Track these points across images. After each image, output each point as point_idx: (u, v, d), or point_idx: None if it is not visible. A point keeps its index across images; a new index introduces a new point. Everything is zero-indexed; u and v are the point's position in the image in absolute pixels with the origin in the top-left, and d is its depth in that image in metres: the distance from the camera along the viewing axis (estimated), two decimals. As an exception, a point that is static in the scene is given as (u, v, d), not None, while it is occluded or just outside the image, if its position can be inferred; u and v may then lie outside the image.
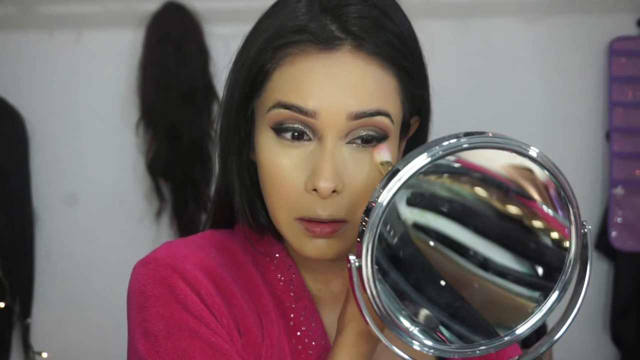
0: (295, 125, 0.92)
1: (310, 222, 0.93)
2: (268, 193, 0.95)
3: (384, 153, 0.92)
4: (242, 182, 1.00)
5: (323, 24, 0.92)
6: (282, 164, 0.93)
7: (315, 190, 0.91)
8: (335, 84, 0.91)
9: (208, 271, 0.96)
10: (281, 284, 1.00)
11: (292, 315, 0.98)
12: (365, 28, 0.92)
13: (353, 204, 0.92)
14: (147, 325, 0.93)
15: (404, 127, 0.99)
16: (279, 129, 0.93)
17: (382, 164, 0.91)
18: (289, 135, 0.92)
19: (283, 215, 0.94)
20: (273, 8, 0.98)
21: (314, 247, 0.94)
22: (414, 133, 1.03)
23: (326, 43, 0.91)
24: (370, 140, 0.93)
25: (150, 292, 0.94)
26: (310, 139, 0.92)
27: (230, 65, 1.01)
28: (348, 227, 0.93)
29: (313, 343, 0.97)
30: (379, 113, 0.92)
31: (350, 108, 0.91)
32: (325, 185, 0.90)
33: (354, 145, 0.93)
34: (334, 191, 0.91)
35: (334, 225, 0.93)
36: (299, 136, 0.92)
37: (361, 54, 0.92)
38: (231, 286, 0.96)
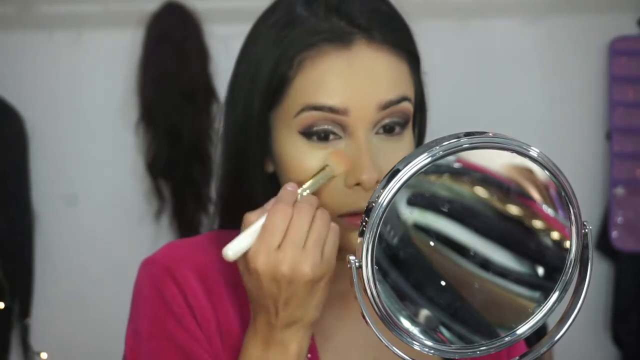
0: (325, 127, 0.92)
1: (353, 216, 0.92)
2: None
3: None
4: (267, 196, 0.99)
5: (332, 22, 0.93)
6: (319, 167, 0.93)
7: (357, 184, 0.91)
8: (360, 78, 0.92)
9: (202, 273, 0.98)
10: None
11: None
12: (372, 19, 0.93)
13: None
14: (136, 324, 0.98)
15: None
16: (308, 133, 0.92)
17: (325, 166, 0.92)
18: (315, 137, 0.92)
19: None
20: (270, 16, 0.98)
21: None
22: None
23: (341, 40, 0.92)
24: (393, 128, 0.93)
25: (144, 292, 0.98)
26: (340, 137, 0.92)
27: (230, 79, 1.01)
28: None
29: None
30: (403, 99, 0.93)
31: (378, 99, 0.91)
32: (370, 176, 0.90)
33: (380, 135, 0.93)
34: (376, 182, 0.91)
35: None
36: (325, 137, 0.92)
37: (374, 45, 0.93)
38: (221, 289, 0.98)
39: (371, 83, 0.92)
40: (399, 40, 0.95)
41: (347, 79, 0.91)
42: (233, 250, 0.88)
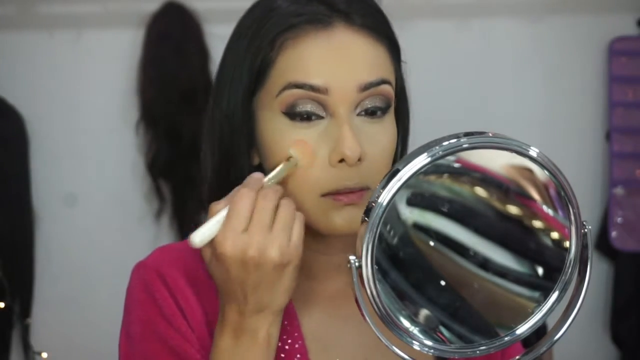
0: (307, 107, 0.92)
1: (337, 194, 0.93)
2: (288, 179, 0.95)
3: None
4: None
5: (313, 6, 0.95)
6: None
7: (341, 160, 0.91)
8: (341, 58, 0.93)
9: (191, 275, 0.99)
10: None
11: None
12: (351, 4, 0.95)
13: (373, 172, 0.92)
14: (129, 327, 1.00)
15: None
16: (291, 113, 0.93)
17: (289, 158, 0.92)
18: (299, 118, 0.93)
19: (308, 196, 0.93)
20: (251, 13, 0.99)
21: (342, 218, 0.93)
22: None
23: (321, 22, 0.93)
24: (375, 112, 0.94)
25: (136, 295, 1.00)
26: (322, 117, 0.93)
27: (215, 75, 1.02)
28: (369, 194, 0.92)
29: (286, 347, 0.98)
30: (383, 82, 0.94)
31: (358, 80, 0.92)
32: (352, 151, 0.90)
33: (362, 117, 0.93)
34: (359, 159, 0.91)
35: (360, 192, 0.93)
36: (307, 118, 0.93)
37: (354, 28, 0.94)
38: (210, 290, 0.98)
39: (351, 64, 0.93)
40: (378, 25, 0.96)
41: (327, 58, 0.93)
42: (200, 237, 0.88)
